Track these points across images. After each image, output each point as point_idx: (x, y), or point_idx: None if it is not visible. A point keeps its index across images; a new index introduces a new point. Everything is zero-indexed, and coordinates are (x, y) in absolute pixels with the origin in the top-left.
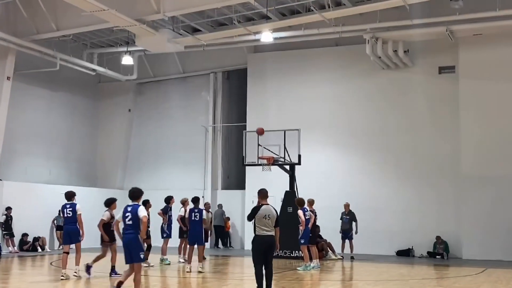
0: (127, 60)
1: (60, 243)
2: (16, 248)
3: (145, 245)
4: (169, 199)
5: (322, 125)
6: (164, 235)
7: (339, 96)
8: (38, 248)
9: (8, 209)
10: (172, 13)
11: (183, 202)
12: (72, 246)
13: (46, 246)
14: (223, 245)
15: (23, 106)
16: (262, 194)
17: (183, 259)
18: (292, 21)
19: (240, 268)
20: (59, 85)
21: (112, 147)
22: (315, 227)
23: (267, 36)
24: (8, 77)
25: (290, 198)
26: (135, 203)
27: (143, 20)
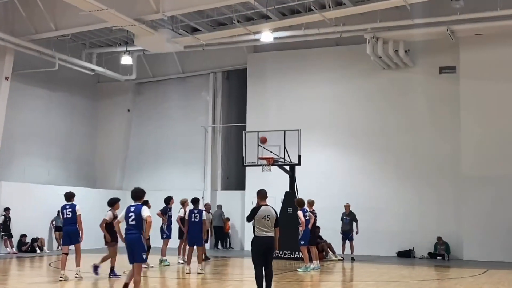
0: (126, 60)
1: (59, 244)
2: (15, 249)
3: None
4: (169, 200)
5: (322, 125)
6: (164, 236)
7: (339, 96)
8: (37, 249)
9: (7, 210)
10: (172, 13)
11: (183, 203)
12: (71, 247)
13: (45, 247)
14: (222, 246)
15: (22, 106)
16: (261, 195)
17: (183, 260)
18: (292, 21)
19: (240, 269)
20: (58, 85)
21: (111, 148)
22: (315, 228)
23: (267, 36)
24: (6, 77)
25: (290, 199)
26: (138, 203)
27: (142, 20)
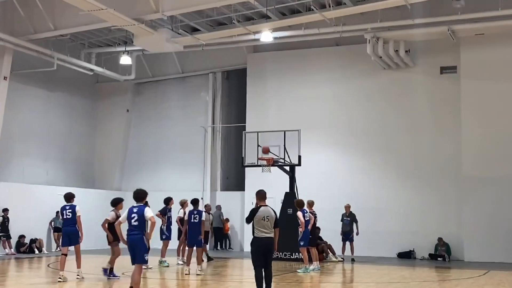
0: (125, 60)
1: (58, 245)
2: (13, 250)
3: None
4: (168, 200)
5: (322, 125)
6: (163, 237)
7: (340, 96)
8: (35, 250)
9: (5, 211)
10: (171, 13)
11: (182, 204)
12: (70, 248)
13: (43, 248)
14: (221, 247)
15: (20, 106)
16: (260, 195)
17: (182, 261)
18: (292, 21)
19: (240, 270)
20: (57, 85)
21: (110, 148)
22: (315, 229)
23: (267, 36)
24: (5, 77)
25: (290, 200)
26: (140, 204)
27: (142, 20)
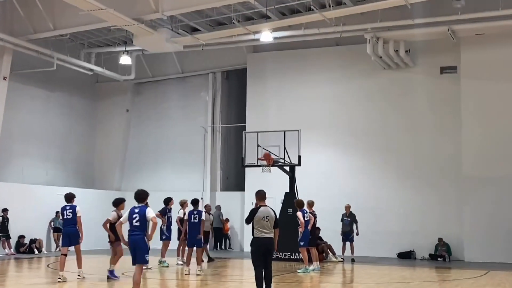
0: (125, 60)
1: (57, 245)
2: (13, 250)
3: None
4: (168, 201)
5: (322, 125)
6: (163, 237)
7: (340, 96)
8: (35, 250)
9: (5, 211)
10: (171, 12)
11: (182, 204)
12: (70, 248)
13: (43, 248)
14: (220, 247)
15: (20, 107)
16: (260, 196)
17: (182, 261)
18: (292, 21)
19: (240, 271)
20: (56, 85)
21: (110, 148)
22: (315, 229)
23: (267, 36)
24: (5, 77)
25: (290, 200)
26: (142, 205)
27: (141, 20)
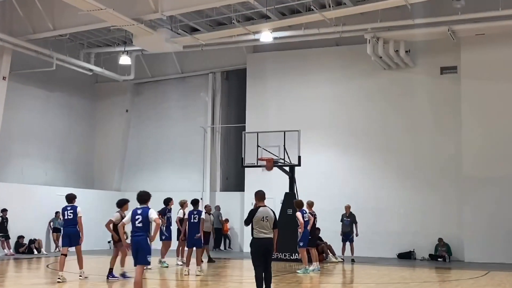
0: (125, 60)
1: (57, 245)
2: (12, 251)
3: None
4: (168, 201)
5: (322, 126)
6: (163, 238)
7: (340, 96)
8: (34, 251)
9: (4, 211)
10: (170, 13)
11: (182, 204)
12: (70, 249)
13: (42, 249)
14: (219, 248)
15: (19, 107)
16: (259, 196)
17: (181, 262)
18: (292, 21)
19: (239, 271)
20: (56, 85)
21: (110, 148)
22: (315, 230)
23: (267, 36)
24: (4, 77)
25: (290, 200)
26: (144, 206)
27: (141, 20)
